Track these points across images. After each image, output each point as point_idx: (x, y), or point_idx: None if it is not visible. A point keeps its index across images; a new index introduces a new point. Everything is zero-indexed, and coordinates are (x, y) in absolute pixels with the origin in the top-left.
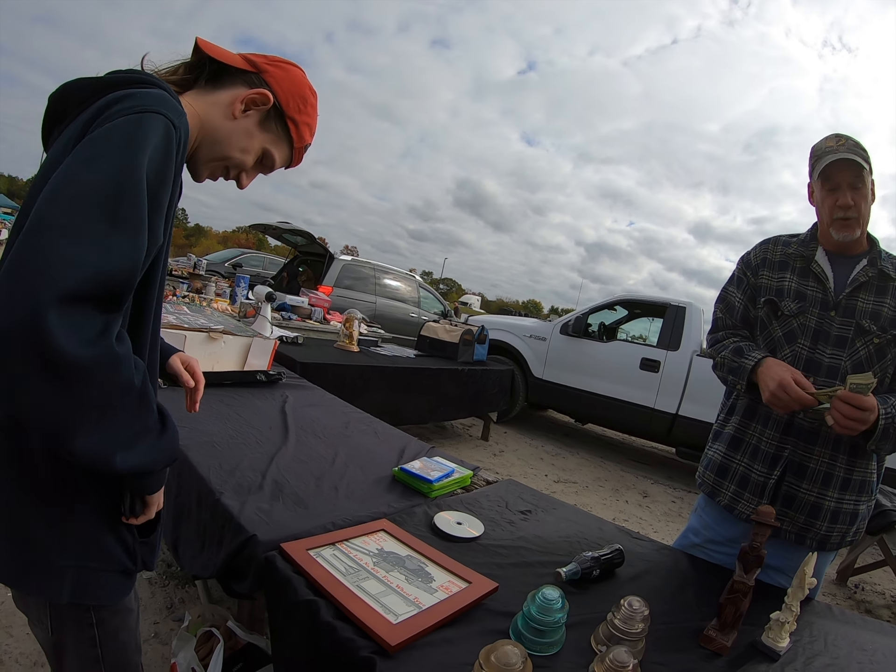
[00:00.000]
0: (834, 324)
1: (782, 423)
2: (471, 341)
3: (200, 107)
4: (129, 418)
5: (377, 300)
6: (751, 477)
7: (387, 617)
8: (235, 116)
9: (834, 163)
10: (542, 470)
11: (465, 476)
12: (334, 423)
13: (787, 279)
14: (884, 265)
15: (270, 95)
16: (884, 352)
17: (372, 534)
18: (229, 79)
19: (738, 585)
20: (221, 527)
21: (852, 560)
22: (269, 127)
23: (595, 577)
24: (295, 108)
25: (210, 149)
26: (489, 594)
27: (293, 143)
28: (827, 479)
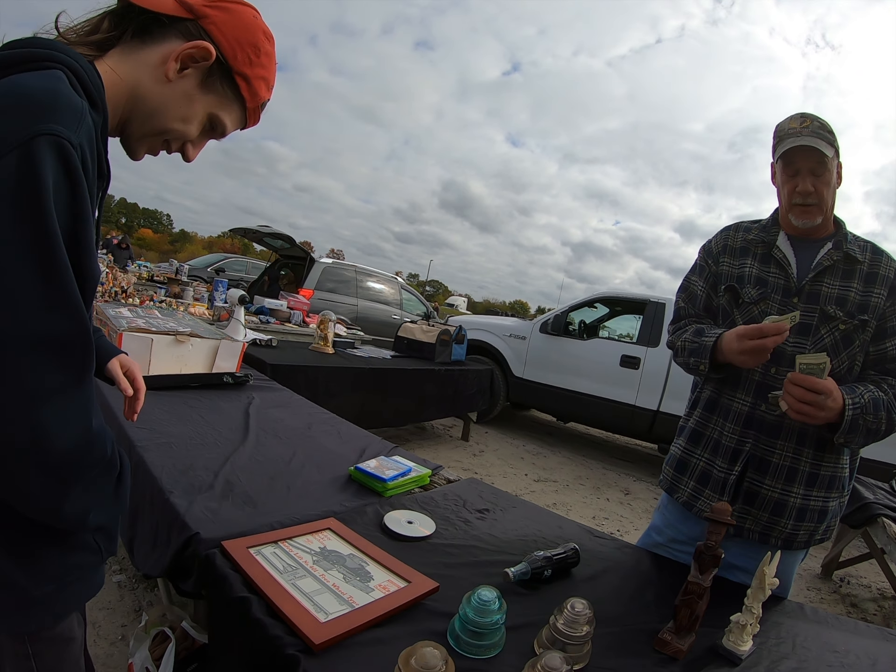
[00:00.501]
0: (797, 311)
1: (743, 416)
2: (448, 341)
3: (126, 70)
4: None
5: (359, 302)
6: (711, 473)
7: (316, 615)
8: (170, 78)
9: (795, 148)
10: (522, 469)
11: (422, 475)
12: (298, 424)
13: (748, 265)
14: (850, 248)
15: (211, 48)
16: (851, 338)
17: (317, 532)
18: (160, 30)
19: (692, 587)
20: (169, 525)
21: (837, 554)
22: (214, 87)
23: (547, 577)
24: (244, 60)
25: (143, 122)
26: (428, 594)
27: (245, 103)
28: (791, 474)
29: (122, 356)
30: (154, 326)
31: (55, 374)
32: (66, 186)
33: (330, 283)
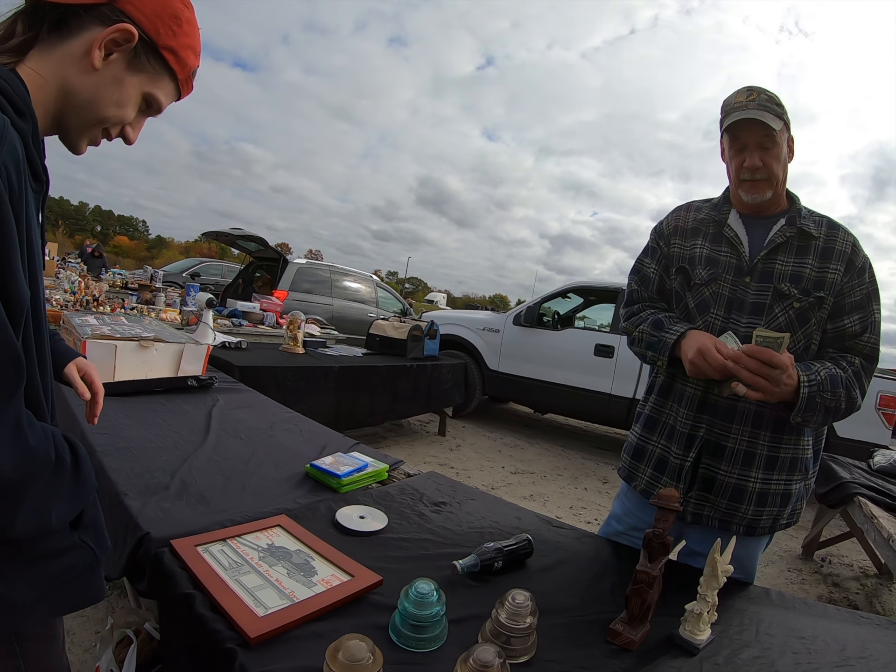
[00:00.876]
0: (749, 290)
1: (696, 400)
2: (420, 337)
3: (49, 69)
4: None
5: (334, 302)
6: (668, 460)
7: (255, 610)
8: (96, 67)
9: (740, 121)
10: (499, 462)
11: (380, 470)
12: (260, 424)
13: (699, 246)
14: (804, 223)
15: (133, 29)
16: (806, 316)
17: (266, 529)
18: (76, 21)
19: (641, 575)
20: (125, 527)
21: (817, 534)
22: (142, 65)
23: (497, 569)
24: (167, 33)
25: (79, 115)
26: (371, 588)
27: (176, 74)
28: (748, 458)
29: (79, 360)
30: (119, 333)
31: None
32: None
33: (305, 284)
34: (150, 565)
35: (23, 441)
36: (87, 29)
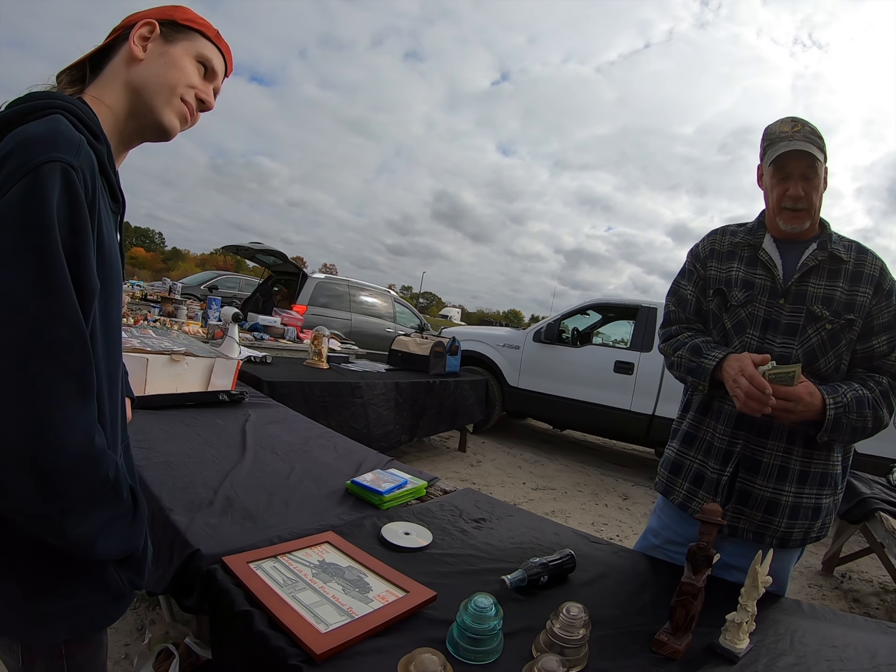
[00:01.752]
0: (783, 311)
1: (733, 417)
2: (442, 353)
3: (107, 86)
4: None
5: (352, 317)
6: (705, 474)
7: (316, 626)
8: (140, 57)
9: (788, 153)
10: (519, 478)
11: (418, 487)
12: (294, 440)
13: (734, 269)
14: (835, 248)
15: (153, 21)
16: (838, 337)
17: (315, 546)
18: (111, 52)
19: (686, 587)
20: (171, 543)
21: (837, 549)
22: (175, 36)
23: (543, 583)
24: (179, 13)
25: (153, 95)
26: (426, 603)
27: (205, 33)
28: (782, 473)
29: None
30: (149, 346)
31: (55, 383)
32: (66, 202)
33: (323, 298)
34: (200, 582)
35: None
36: (118, 50)
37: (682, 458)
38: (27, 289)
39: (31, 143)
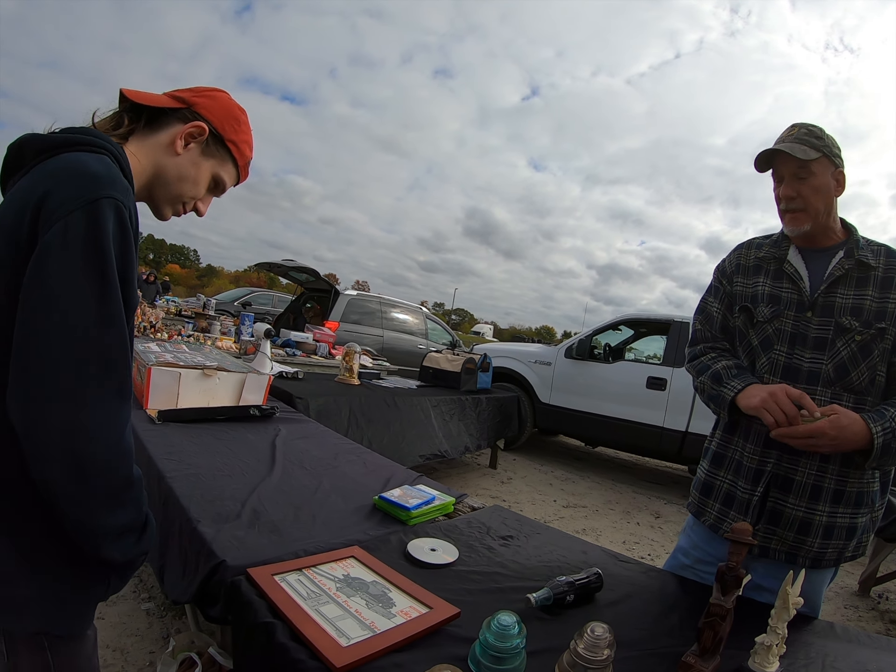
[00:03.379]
0: (811, 325)
1: (763, 436)
2: (473, 370)
3: (145, 153)
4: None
5: (384, 333)
6: (735, 494)
7: (338, 640)
8: (179, 152)
9: (771, 154)
10: (550, 496)
11: (446, 503)
12: (323, 455)
13: (760, 283)
14: (862, 254)
15: (205, 125)
16: (869, 348)
17: (341, 560)
18: (165, 119)
19: (714, 608)
20: (197, 553)
21: (874, 569)
22: (212, 153)
23: (569, 602)
24: (231, 129)
25: (165, 189)
26: (449, 620)
27: (237, 161)
28: (816, 492)
29: None
30: (182, 361)
31: (100, 383)
32: (120, 237)
33: (355, 315)
34: (225, 592)
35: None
36: (171, 125)
37: (712, 479)
38: (88, 301)
39: (93, 178)
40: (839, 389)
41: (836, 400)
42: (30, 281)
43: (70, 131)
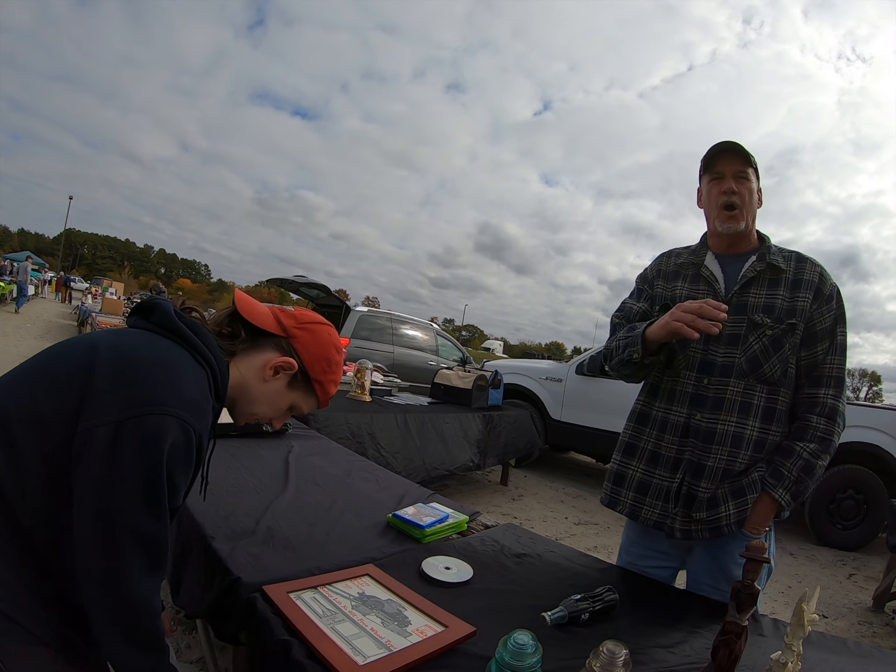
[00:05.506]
0: (725, 323)
1: (680, 426)
2: (484, 387)
3: (239, 368)
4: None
5: (395, 349)
6: (651, 482)
7: (354, 658)
8: (266, 380)
9: (720, 153)
10: (561, 513)
11: (460, 521)
12: (336, 472)
13: (678, 287)
14: (773, 258)
15: (295, 363)
16: (780, 342)
17: (356, 578)
18: (264, 340)
19: (730, 626)
20: (212, 570)
21: (888, 585)
22: (297, 386)
23: (584, 620)
24: (320, 370)
25: (246, 405)
26: (465, 638)
27: (319, 400)
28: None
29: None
30: None
31: (146, 562)
32: (182, 453)
33: (365, 331)
34: (240, 609)
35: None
36: (268, 350)
37: (624, 469)
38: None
39: (179, 389)
40: (752, 381)
41: (750, 391)
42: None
43: (192, 327)
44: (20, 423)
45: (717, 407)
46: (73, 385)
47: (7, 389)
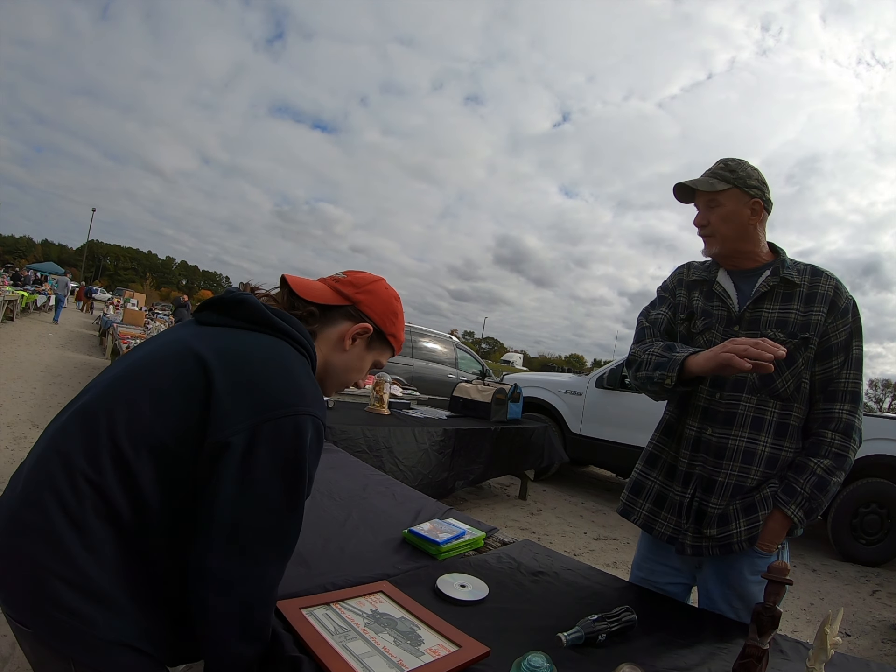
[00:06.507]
0: (738, 338)
1: (692, 440)
2: (504, 400)
3: (321, 348)
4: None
5: (414, 362)
6: (668, 496)
7: None
8: (346, 349)
9: (678, 196)
10: (580, 528)
11: (476, 538)
12: (353, 486)
13: (696, 298)
14: (787, 273)
15: (370, 326)
16: (793, 357)
17: (369, 595)
18: (332, 315)
19: (750, 649)
20: None
21: None
22: (374, 345)
23: (601, 641)
24: (391, 324)
25: (334, 380)
26: (479, 659)
27: (395, 349)
28: (736, 490)
29: None
30: None
31: (283, 561)
32: (315, 448)
33: None
34: None
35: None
36: (339, 323)
37: (643, 479)
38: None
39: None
40: (765, 396)
41: (763, 406)
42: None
43: (284, 318)
44: (135, 448)
45: (729, 422)
46: (190, 401)
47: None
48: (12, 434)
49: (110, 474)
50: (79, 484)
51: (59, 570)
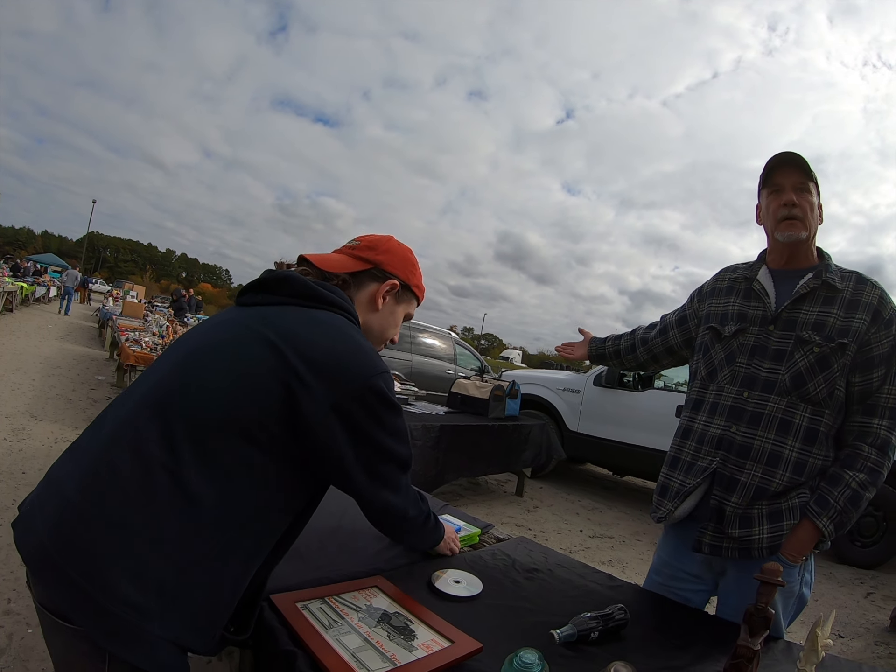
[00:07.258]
0: (772, 337)
1: (715, 438)
2: (501, 397)
3: (360, 315)
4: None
5: (413, 358)
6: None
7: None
8: (379, 308)
9: (779, 166)
10: (576, 525)
11: (472, 534)
12: None
13: (731, 303)
14: (830, 277)
15: (397, 282)
16: (828, 361)
17: (364, 590)
18: (360, 279)
19: (741, 650)
20: None
21: None
22: (402, 298)
23: (594, 639)
24: (412, 275)
25: (375, 338)
26: (471, 654)
27: (419, 298)
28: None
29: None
30: None
31: (405, 478)
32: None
33: None
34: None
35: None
36: (367, 284)
37: (667, 480)
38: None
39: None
40: (795, 399)
41: (792, 409)
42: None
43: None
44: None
45: (755, 422)
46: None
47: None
48: (10, 425)
49: (187, 461)
50: (154, 474)
51: (121, 560)
